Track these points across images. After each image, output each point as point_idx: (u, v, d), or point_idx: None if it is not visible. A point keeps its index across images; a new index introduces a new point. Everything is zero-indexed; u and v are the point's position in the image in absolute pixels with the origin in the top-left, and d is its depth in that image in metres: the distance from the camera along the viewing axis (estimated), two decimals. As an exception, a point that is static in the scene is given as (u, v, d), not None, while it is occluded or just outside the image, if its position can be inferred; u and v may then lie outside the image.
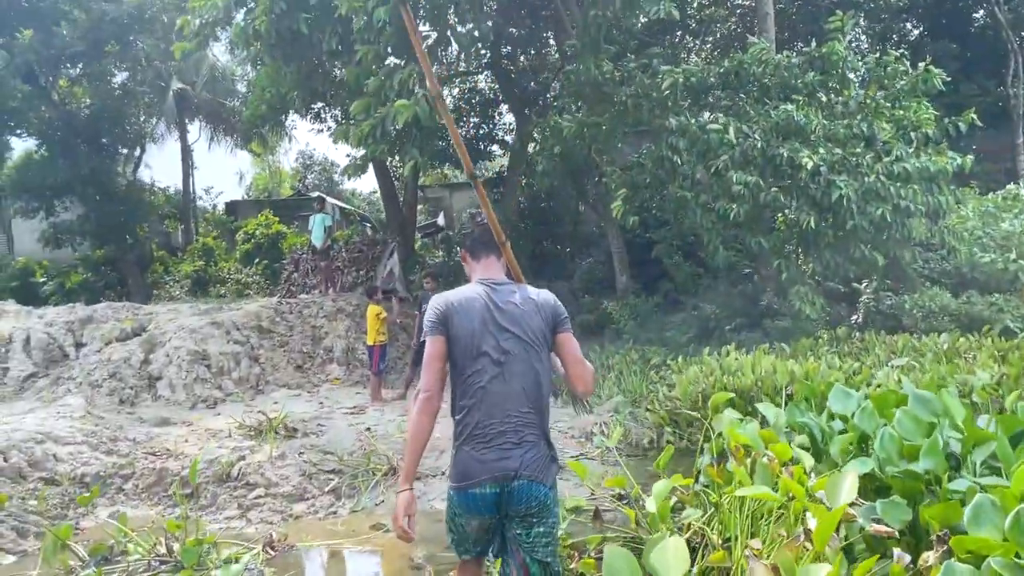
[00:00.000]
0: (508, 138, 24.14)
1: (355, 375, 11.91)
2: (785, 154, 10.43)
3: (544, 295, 3.09)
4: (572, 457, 7.03)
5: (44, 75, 21.54)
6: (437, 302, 2.99)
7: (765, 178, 10.92)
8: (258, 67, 14.27)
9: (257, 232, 25.63)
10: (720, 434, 4.47)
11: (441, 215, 32.03)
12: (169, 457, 7.35)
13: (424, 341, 2.98)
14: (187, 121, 32.10)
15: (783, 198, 10.68)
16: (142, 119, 27.65)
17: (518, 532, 2.86)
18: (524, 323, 2.94)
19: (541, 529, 2.85)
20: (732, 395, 4.74)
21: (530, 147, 19.52)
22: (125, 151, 27.83)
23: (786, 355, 10.30)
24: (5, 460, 6.56)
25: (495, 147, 25.64)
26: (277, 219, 26.29)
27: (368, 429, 8.43)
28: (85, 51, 21.54)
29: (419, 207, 31.96)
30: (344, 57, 11.86)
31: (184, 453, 7.43)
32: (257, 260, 24.82)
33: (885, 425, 3.96)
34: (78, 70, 22.29)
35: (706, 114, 13.63)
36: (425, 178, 31.57)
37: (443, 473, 6.61)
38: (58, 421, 7.56)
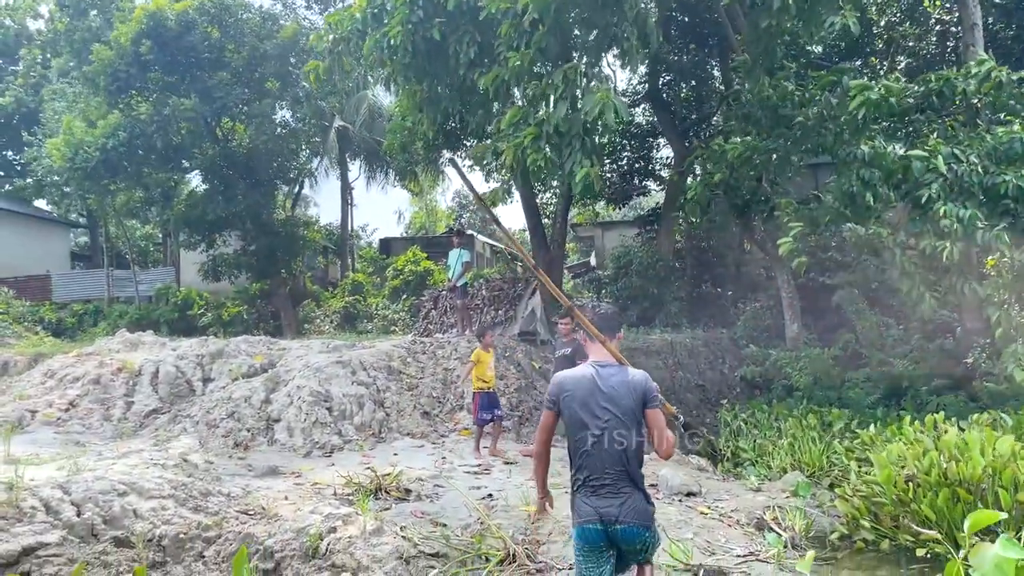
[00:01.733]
0: (665, 173, 22.67)
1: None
2: (1013, 182, 8.44)
3: (638, 377, 3.69)
4: (740, 558, 5.46)
5: (209, 113, 22.22)
6: (556, 381, 3.79)
7: (980, 212, 8.96)
8: (394, 90, 13.52)
9: (405, 269, 25.38)
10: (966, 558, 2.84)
11: (593, 255, 30.84)
12: (261, 519, 6.41)
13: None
14: (348, 159, 32.78)
15: (1008, 237, 8.67)
16: (303, 157, 28.25)
17: (633, 557, 3.69)
18: (619, 403, 3.61)
19: (648, 553, 3.69)
20: (1002, 515, 3.04)
21: (689, 180, 17.98)
22: (285, 188, 28.53)
23: (1007, 428, 8.31)
24: (79, 514, 5.77)
25: (650, 182, 24.23)
26: (425, 255, 25.97)
27: (490, 495, 7.22)
28: (245, 90, 22.15)
29: (570, 246, 30.70)
30: (482, 68, 10.88)
31: (279, 515, 6.44)
32: (404, 296, 24.47)
33: None
34: (240, 108, 22.88)
35: (897, 143, 11.77)
36: (576, 216, 30.48)
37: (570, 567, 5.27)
38: (149, 469, 6.79)
